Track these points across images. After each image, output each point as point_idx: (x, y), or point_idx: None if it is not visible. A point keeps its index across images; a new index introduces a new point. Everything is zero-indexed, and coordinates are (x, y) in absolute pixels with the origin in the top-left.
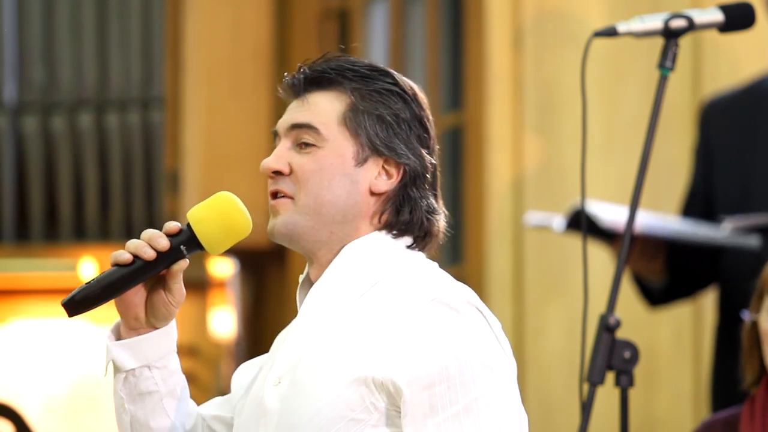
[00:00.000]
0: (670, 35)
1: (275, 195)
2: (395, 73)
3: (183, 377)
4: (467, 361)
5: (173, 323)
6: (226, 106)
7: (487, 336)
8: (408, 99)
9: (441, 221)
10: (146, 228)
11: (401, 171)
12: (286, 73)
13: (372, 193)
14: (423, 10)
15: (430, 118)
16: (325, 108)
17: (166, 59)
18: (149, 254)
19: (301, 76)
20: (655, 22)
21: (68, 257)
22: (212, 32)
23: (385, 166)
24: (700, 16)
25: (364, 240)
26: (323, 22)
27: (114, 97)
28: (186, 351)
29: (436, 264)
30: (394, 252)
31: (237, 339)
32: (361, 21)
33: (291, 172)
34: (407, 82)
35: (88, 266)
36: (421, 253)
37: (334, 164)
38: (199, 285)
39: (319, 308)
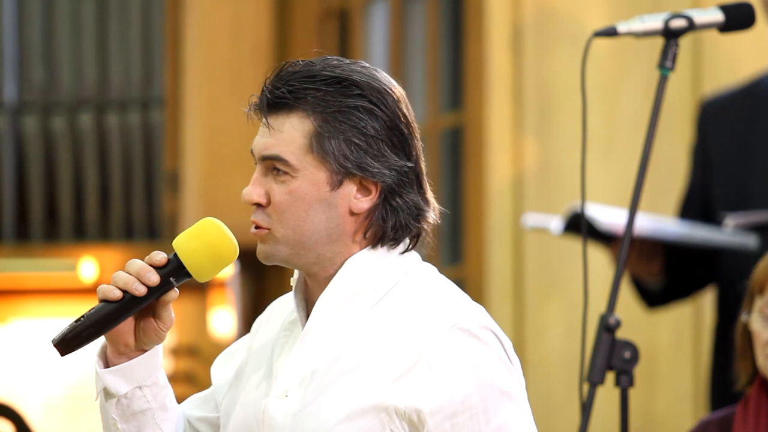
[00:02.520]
0: (670, 35)
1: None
2: (363, 79)
3: (170, 388)
4: (488, 389)
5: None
6: (226, 106)
7: (504, 361)
8: (376, 110)
9: (431, 215)
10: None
11: (378, 187)
12: (257, 93)
13: (352, 213)
14: (423, 10)
15: (407, 112)
16: (290, 136)
17: (166, 59)
18: (140, 290)
19: (264, 98)
20: (655, 22)
21: (68, 257)
22: (212, 32)
23: (363, 182)
24: (700, 16)
25: (364, 254)
26: (323, 22)
27: (114, 97)
28: (186, 351)
29: (434, 268)
30: (394, 263)
31: (237, 339)
32: (361, 21)
33: (269, 202)
34: (378, 84)
35: (88, 266)
36: (416, 253)
37: (309, 193)
38: (199, 285)
39: (327, 321)
